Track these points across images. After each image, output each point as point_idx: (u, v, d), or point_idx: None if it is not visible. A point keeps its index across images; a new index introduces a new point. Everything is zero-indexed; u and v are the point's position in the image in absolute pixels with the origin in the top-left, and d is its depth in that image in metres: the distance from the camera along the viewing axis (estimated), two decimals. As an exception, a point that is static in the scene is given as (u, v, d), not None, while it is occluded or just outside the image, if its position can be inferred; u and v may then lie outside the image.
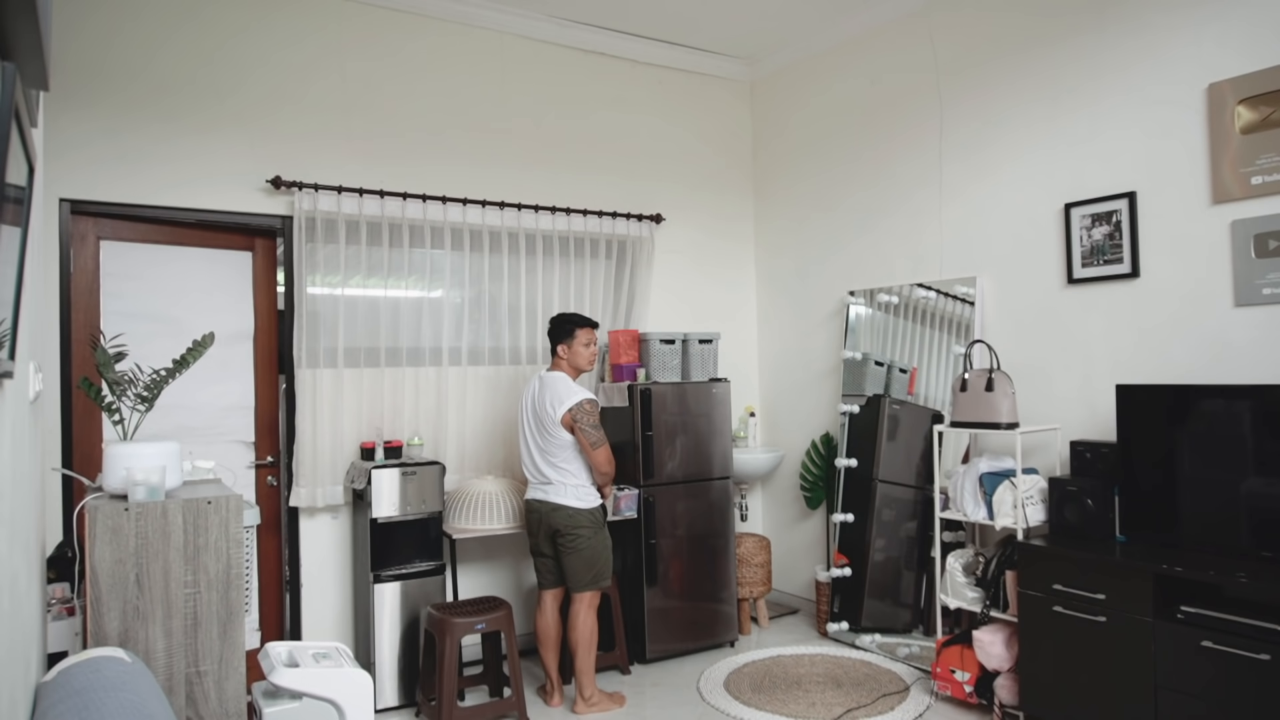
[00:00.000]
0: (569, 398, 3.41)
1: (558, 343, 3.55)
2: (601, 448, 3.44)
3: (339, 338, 3.85)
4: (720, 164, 5.12)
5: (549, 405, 3.43)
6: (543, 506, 3.48)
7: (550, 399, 3.44)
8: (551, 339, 3.58)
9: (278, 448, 3.92)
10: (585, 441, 3.41)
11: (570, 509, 3.44)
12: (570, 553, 3.45)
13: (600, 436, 3.44)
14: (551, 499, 3.46)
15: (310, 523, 3.85)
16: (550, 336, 3.59)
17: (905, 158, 4.26)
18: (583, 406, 3.41)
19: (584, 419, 3.40)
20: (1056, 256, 3.59)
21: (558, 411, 3.40)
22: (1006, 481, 3.36)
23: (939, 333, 4.03)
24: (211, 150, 3.64)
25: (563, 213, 4.42)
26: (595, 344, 3.61)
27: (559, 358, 3.55)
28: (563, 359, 3.54)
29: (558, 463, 3.46)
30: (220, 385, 3.75)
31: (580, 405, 3.40)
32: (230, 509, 2.27)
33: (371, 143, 4.00)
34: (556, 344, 3.55)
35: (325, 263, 3.85)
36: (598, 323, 3.71)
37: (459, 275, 4.18)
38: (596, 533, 3.48)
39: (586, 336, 3.56)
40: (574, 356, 3.54)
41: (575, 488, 3.46)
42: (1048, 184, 3.61)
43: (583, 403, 3.41)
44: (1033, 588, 3.09)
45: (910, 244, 4.24)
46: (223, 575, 2.26)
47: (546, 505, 3.47)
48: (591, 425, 3.42)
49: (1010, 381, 3.43)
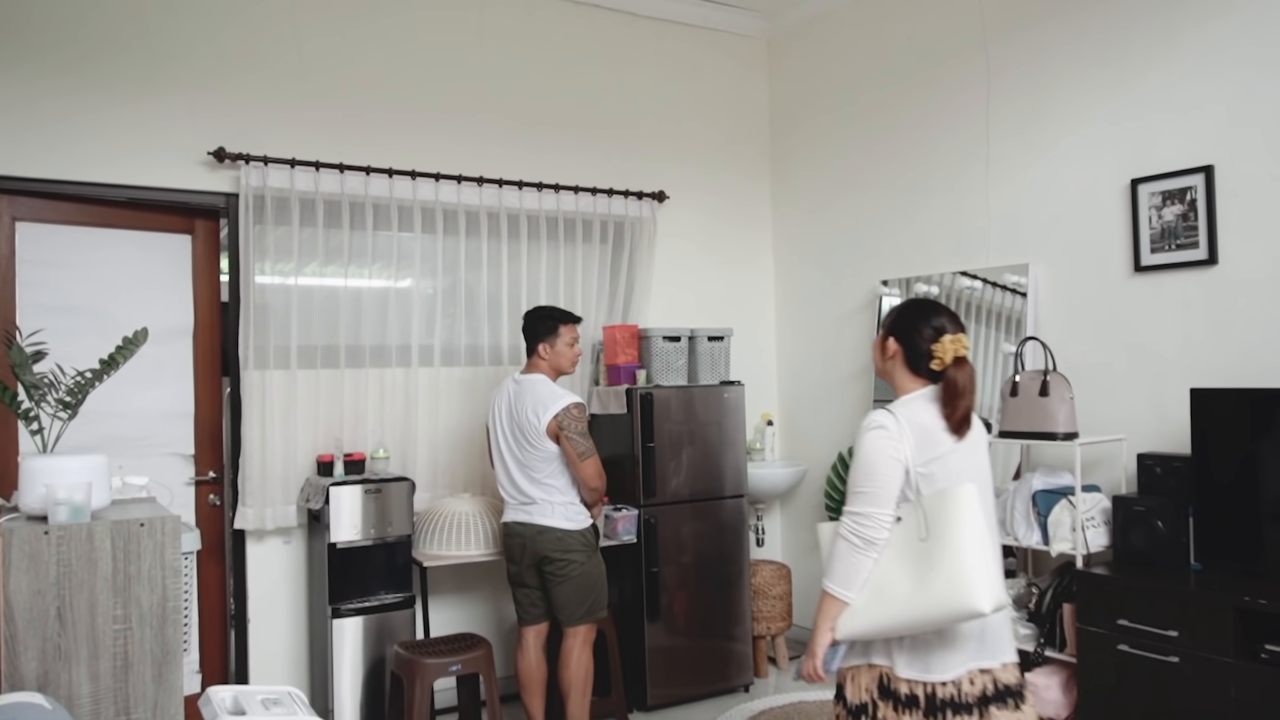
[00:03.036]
0: (553, 402, 3.41)
1: (537, 341, 3.55)
2: (590, 459, 3.44)
3: (292, 334, 3.84)
4: (732, 135, 5.12)
5: (530, 412, 3.43)
6: (526, 530, 3.48)
7: (531, 404, 3.44)
8: (529, 337, 3.58)
9: (221, 461, 3.91)
10: (572, 452, 3.41)
11: (559, 531, 3.44)
12: (561, 582, 3.44)
13: (589, 446, 3.44)
14: (536, 520, 3.46)
15: (259, 548, 3.85)
16: (527, 334, 3.59)
17: (947, 128, 4.26)
18: (570, 412, 3.41)
19: (571, 426, 3.40)
20: (1121, 240, 3.59)
21: (541, 419, 3.40)
22: (1064, 500, 3.36)
23: (986, 329, 4.03)
24: (146, 119, 3.64)
25: (550, 190, 4.41)
26: (579, 342, 3.61)
27: (538, 357, 3.55)
28: (543, 359, 3.54)
29: (542, 478, 3.46)
30: (155, 389, 3.74)
31: (567, 410, 3.40)
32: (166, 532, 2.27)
33: (330, 109, 3.99)
34: (536, 342, 3.55)
35: (276, 247, 3.84)
36: (581, 318, 3.71)
37: (431, 262, 4.17)
38: (590, 557, 3.49)
39: (571, 334, 3.57)
40: (557, 357, 3.54)
41: (564, 506, 3.46)
42: (1111, 157, 3.61)
43: (570, 407, 3.41)
44: (1094, 623, 3.08)
45: (953, 227, 4.24)
46: (158, 609, 2.26)
47: (531, 528, 3.47)
48: (580, 433, 3.42)
49: (1068, 385, 3.43)
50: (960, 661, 2.03)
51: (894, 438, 2.05)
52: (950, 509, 1.97)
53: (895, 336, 2.19)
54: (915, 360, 2.16)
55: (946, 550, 1.95)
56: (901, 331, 2.18)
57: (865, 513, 2.05)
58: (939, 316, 2.16)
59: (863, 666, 2.12)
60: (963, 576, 1.92)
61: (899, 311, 2.23)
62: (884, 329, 2.23)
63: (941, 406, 2.10)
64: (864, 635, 2.06)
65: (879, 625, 2.02)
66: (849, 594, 2.05)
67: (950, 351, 2.11)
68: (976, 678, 2.03)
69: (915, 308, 2.21)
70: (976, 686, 2.03)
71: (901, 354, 2.18)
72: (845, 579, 2.05)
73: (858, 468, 2.09)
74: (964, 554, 1.93)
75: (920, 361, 2.15)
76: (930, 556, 1.97)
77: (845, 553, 2.06)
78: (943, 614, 1.94)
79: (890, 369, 2.21)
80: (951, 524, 1.96)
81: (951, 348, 2.11)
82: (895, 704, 2.05)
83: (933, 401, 2.12)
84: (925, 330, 2.15)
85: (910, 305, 2.24)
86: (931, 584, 1.94)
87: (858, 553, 2.05)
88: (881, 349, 2.23)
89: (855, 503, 2.07)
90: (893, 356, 2.19)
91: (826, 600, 2.07)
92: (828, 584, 2.08)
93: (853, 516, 2.07)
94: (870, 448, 2.07)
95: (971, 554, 1.93)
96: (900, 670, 2.05)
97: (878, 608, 2.02)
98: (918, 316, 2.18)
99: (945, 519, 1.97)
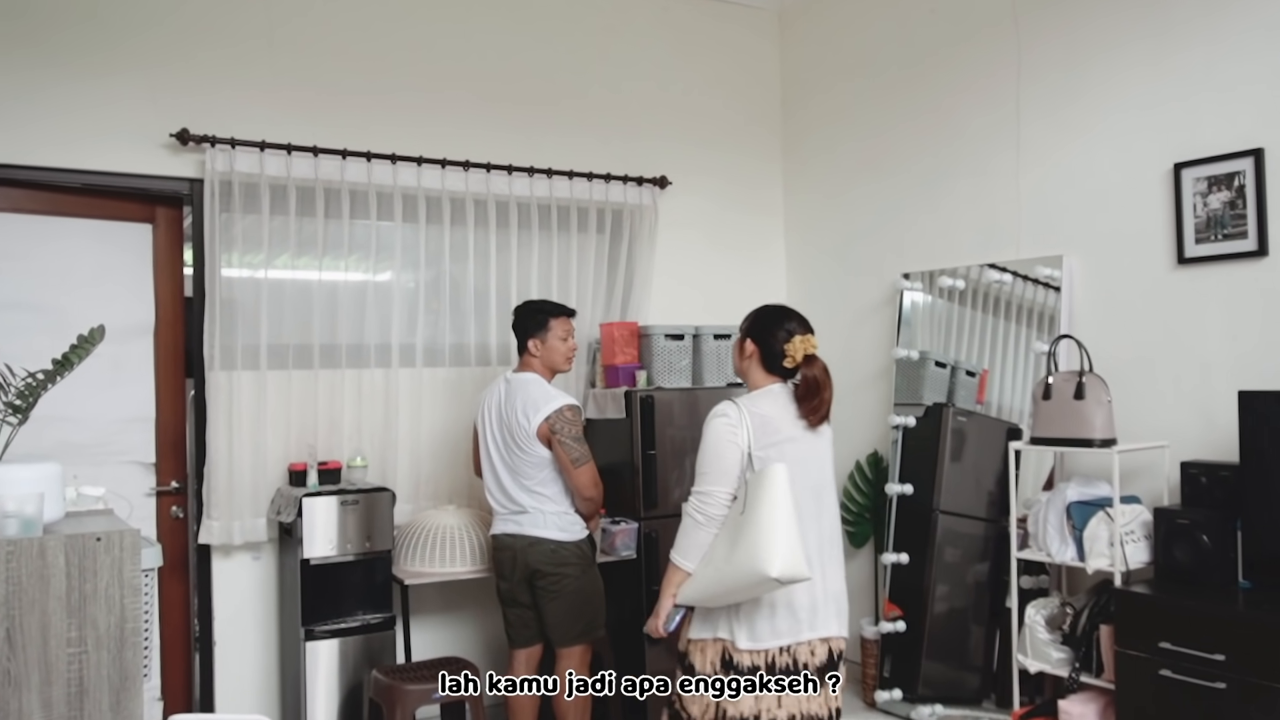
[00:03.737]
0: (545, 403, 3.41)
1: (527, 337, 3.55)
2: (585, 466, 3.44)
3: (262, 332, 3.84)
4: (741, 115, 5.12)
5: (520, 413, 3.43)
6: (516, 542, 3.48)
7: (522, 405, 3.44)
8: (518, 333, 3.59)
9: (185, 470, 3.91)
10: (565, 458, 3.41)
11: (552, 543, 3.43)
12: (554, 598, 3.44)
13: (584, 452, 3.44)
14: (528, 531, 3.46)
15: (226, 564, 3.85)
16: (517, 330, 3.60)
17: (974, 108, 4.26)
18: (563, 414, 3.41)
19: (565, 429, 3.40)
20: (1163, 230, 3.58)
21: (532, 421, 3.40)
22: (1101, 513, 3.36)
23: (1016, 326, 4.03)
24: (102, 98, 3.64)
25: (543, 175, 4.41)
26: (573, 337, 3.62)
27: (529, 355, 3.56)
28: (534, 357, 3.55)
29: (533, 486, 3.46)
30: (113, 391, 3.74)
31: (560, 412, 3.41)
32: (125, 547, 2.26)
33: (303, 87, 3.99)
34: (526, 339, 3.56)
35: (244, 238, 3.84)
36: (575, 311, 3.71)
37: (412, 253, 4.17)
38: (586, 571, 3.49)
39: (563, 328, 3.57)
40: (549, 354, 3.55)
41: (557, 515, 3.45)
42: (1152, 140, 3.61)
43: (563, 409, 3.42)
44: (1134, 646, 3.09)
45: (980, 215, 4.24)
46: (115, 630, 2.25)
47: (522, 540, 3.46)
48: (574, 438, 3.42)
49: (1105, 387, 3.43)
50: (790, 631, 2.48)
51: (733, 425, 2.55)
52: (762, 485, 2.42)
53: (752, 338, 2.70)
54: (770, 360, 2.66)
55: (752, 521, 2.39)
56: (758, 334, 2.69)
57: (706, 491, 2.54)
58: (790, 320, 2.69)
59: (709, 640, 2.55)
60: (759, 544, 2.35)
61: (755, 317, 2.75)
62: (742, 332, 2.74)
63: (802, 402, 2.61)
64: (695, 600, 2.54)
65: (704, 590, 2.50)
66: (688, 564, 2.54)
67: (800, 350, 2.62)
68: (817, 647, 2.51)
69: (769, 314, 2.73)
70: (817, 657, 2.51)
71: (758, 354, 2.68)
72: (685, 550, 2.56)
73: (702, 452, 2.58)
74: (764, 524, 2.37)
75: (774, 361, 2.66)
76: (741, 527, 2.42)
77: (688, 527, 2.57)
78: (744, 579, 2.39)
79: (747, 368, 2.72)
80: (760, 498, 2.41)
81: (801, 347, 2.63)
82: (738, 674, 2.49)
83: (782, 395, 2.63)
84: (779, 333, 2.66)
85: (765, 311, 2.75)
86: (739, 551, 2.39)
87: (699, 528, 2.54)
88: (740, 350, 2.73)
89: (698, 482, 2.57)
90: (750, 356, 2.70)
91: (671, 569, 2.58)
92: (673, 555, 2.58)
93: (696, 495, 2.56)
94: (713, 434, 2.58)
95: (770, 525, 2.36)
96: (741, 642, 2.49)
97: (703, 574, 2.50)
98: (772, 321, 2.69)
99: (758, 494, 2.42)
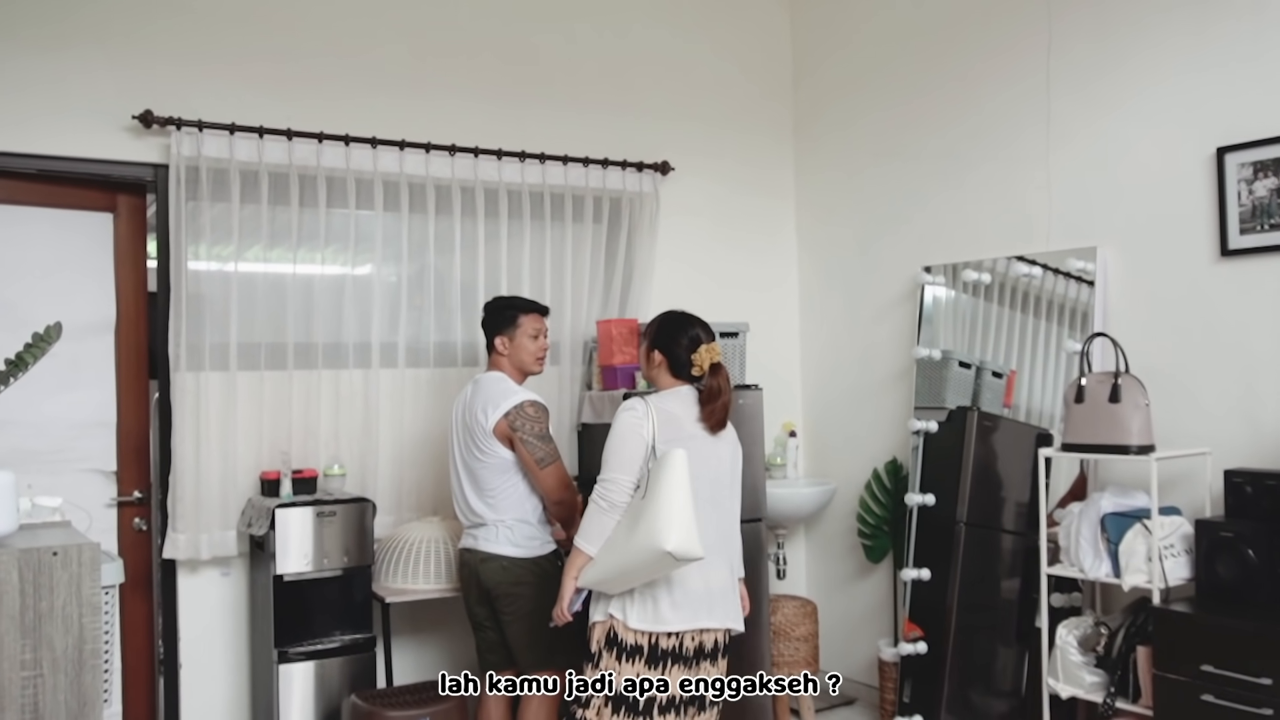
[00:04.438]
0: (503, 399, 3.41)
1: (495, 334, 3.57)
2: (553, 467, 3.43)
3: (231, 330, 3.85)
4: (749, 94, 5.12)
5: (479, 411, 3.42)
6: (472, 557, 3.47)
7: (481, 403, 3.43)
8: (487, 330, 3.60)
9: (148, 479, 3.92)
10: (529, 458, 3.39)
11: (504, 559, 3.40)
12: (511, 621, 3.42)
13: (550, 451, 3.44)
14: (482, 546, 3.44)
15: (192, 580, 3.85)
16: (486, 327, 3.61)
17: (1001, 85, 4.26)
18: (524, 410, 3.41)
19: (525, 427, 3.39)
20: (1206, 219, 3.58)
21: (489, 417, 3.39)
22: (1138, 525, 3.36)
23: (1046, 323, 4.03)
24: (58, 75, 3.64)
25: (535, 160, 4.42)
26: (546, 336, 3.64)
27: (497, 354, 3.57)
28: (502, 355, 3.56)
29: (491, 495, 3.43)
30: (70, 394, 3.74)
31: (520, 408, 3.40)
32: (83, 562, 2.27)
33: (276, 65, 4.00)
34: (494, 336, 3.57)
35: (213, 228, 3.85)
36: (548, 309, 3.72)
37: (394, 245, 4.18)
38: (544, 589, 3.41)
39: (534, 325, 3.58)
40: (517, 352, 3.56)
41: (510, 528, 3.42)
42: (1194, 120, 3.61)
43: (524, 404, 3.41)
44: (1174, 669, 3.09)
45: (1007, 203, 4.25)
46: (73, 652, 2.26)
47: (476, 555, 3.46)
48: (537, 436, 3.41)
49: (1143, 389, 3.43)
50: (686, 619, 2.79)
51: (640, 418, 2.89)
52: (662, 468, 2.73)
53: (659, 348, 3.03)
54: (677, 367, 3.01)
55: (651, 502, 2.69)
56: (664, 343, 3.02)
57: (610, 479, 2.84)
58: (694, 328, 3.02)
59: (599, 621, 2.86)
60: (657, 521, 2.63)
61: (660, 325, 3.06)
62: (648, 340, 3.07)
63: (703, 408, 2.95)
64: (595, 582, 2.83)
65: (604, 572, 2.79)
66: (591, 548, 2.83)
67: (706, 359, 2.96)
68: (697, 635, 2.83)
69: (674, 322, 3.04)
70: (695, 642, 2.83)
71: (665, 363, 3.02)
72: (588, 535, 2.84)
73: (609, 443, 2.89)
74: (661, 503, 2.66)
75: (682, 369, 3.00)
76: (642, 509, 2.72)
77: (592, 514, 2.86)
78: (642, 557, 2.67)
79: (656, 375, 3.06)
80: (660, 480, 2.71)
81: (707, 356, 2.96)
82: (620, 653, 2.80)
83: (689, 397, 2.98)
84: (683, 341, 2.99)
85: (670, 319, 3.06)
86: (638, 531, 2.67)
87: (603, 514, 2.83)
88: (648, 359, 3.07)
89: (604, 471, 2.87)
90: (658, 365, 3.03)
91: (574, 553, 2.87)
92: (576, 540, 2.87)
93: (601, 483, 2.85)
94: (619, 426, 2.90)
95: (668, 504, 2.65)
96: (631, 622, 2.80)
97: (605, 556, 2.79)
98: (676, 329, 3.01)
99: (658, 476, 2.72)
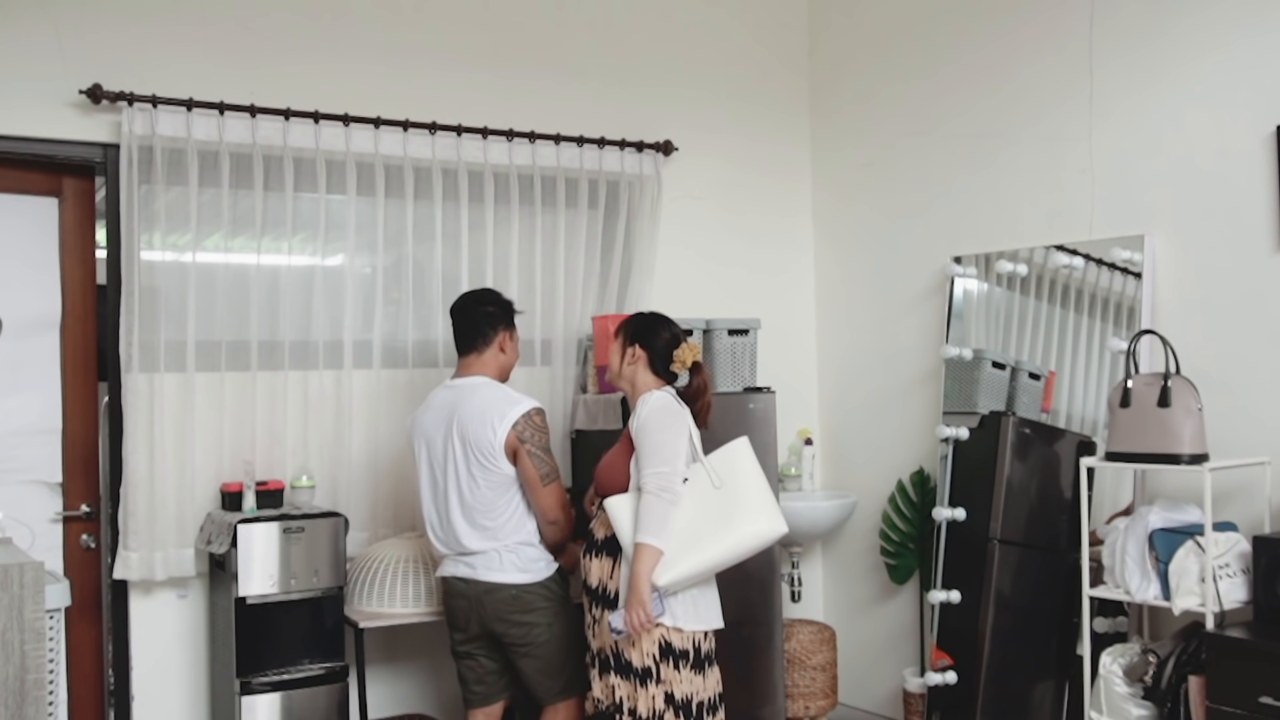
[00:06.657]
0: (510, 407, 3.38)
1: (501, 329, 3.57)
2: (553, 484, 3.43)
3: (189, 327, 3.85)
4: (760, 66, 5.13)
5: (481, 423, 3.36)
6: (470, 588, 3.40)
7: (480, 413, 3.38)
8: (487, 324, 3.56)
9: (97, 492, 3.92)
10: (533, 474, 3.38)
11: (513, 588, 3.37)
12: (525, 655, 3.40)
13: (553, 467, 3.45)
14: (482, 576, 3.38)
15: (146, 603, 3.85)
16: (482, 322, 3.56)
17: (1038, 54, 4.26)
18: (531, 419, 3.40)
19: (534, 438, 3.38)
20: (1265, 205, 3.59)
21: (499, 431, 3.35)
22: (1190, 542, 3.36)
23: (1089, 319, 4.03)
24: (-2, 45, 3.65)
25: (524, 139, 4.42)
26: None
27: (497, 352, 3.56)
28: (503, 354, 3.57)
29: (490, 514, 3.39)
30: (10, 398, 3.75)
31: (529, 417, 3.39)
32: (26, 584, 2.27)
33: (238, 34, 4.00)
34: (502, 331, 3.57)
35: (169, 214, 3.85)
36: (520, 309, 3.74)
37: (369, 233, 4.18)
38: (558, 615, 3.43)
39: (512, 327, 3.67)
40: (512, 356, 3.62)
41: (515, 550, 3.39)
42: (1251, 95, 3.61)
43: (530, 413, 3.40)
44: (1229, 701, 3.08)
45: (1046, 186, 4.25)
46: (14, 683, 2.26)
47: (476, 586, 3.39)
48: (543, 448, 3.40)
49: (1195, 393, 3.43)
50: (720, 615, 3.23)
51: (680, 407, 3.21)
52: (734, 459, 3.16)
53: (640, 344, 3.30)
54: (657, 364, 3.30)
55: (742, 490, 3.09)
56: (645, 339, 3.31)
57: (671, 470, 3.08)
58: (674, 326, 3.36)
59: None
60: (762, 510, 3.10)
61: (638, 323, 3.38)
62: (625, 337, 3.34)
63: (691, 404, 3.27)
64: (684, 580, 3.04)
65: (698, 567, 3.04)
66: (664, 543, 3.00)
67: (689, 356, 3.29)
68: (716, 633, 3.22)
69: (653, 320, 3.38)
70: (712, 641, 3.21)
71: (645, 359, 3.30)
72: (660, 530, 3.01)
73: (657, 435, 3.12)
74: (753, 490, 3.12)
75: (662, 365, 3.30)
76: (730, 498, 3.08)
77: (656, 508, 3.03)
78: (746, 544, 3.08)
79: (633, 372, 3.31)
80: (740, 470, 3.13)
81: (689, 353, 3.29)
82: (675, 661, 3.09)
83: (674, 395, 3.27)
84: (665, 335, 3.32)
85: (647, 318, 3.40)
86: (740, 519, 3.05)
87: (670, 506, 3.04)
88: (623, 355, 3.32)
89: (657, 463, 3.08)
90: (636, 361, 3.30)
91: (645, 552, 3.00)
92: (643, 538, 3.01)
93: (658, 475, 3.06)
94: (667, 416, 3.16)
95: (759, 489, 3.13)
96: (684, 624, 3.10)
97: (694, 553, 3.02)
98: (657, 325, 3.35)
99: (733, 467, 3.13)
